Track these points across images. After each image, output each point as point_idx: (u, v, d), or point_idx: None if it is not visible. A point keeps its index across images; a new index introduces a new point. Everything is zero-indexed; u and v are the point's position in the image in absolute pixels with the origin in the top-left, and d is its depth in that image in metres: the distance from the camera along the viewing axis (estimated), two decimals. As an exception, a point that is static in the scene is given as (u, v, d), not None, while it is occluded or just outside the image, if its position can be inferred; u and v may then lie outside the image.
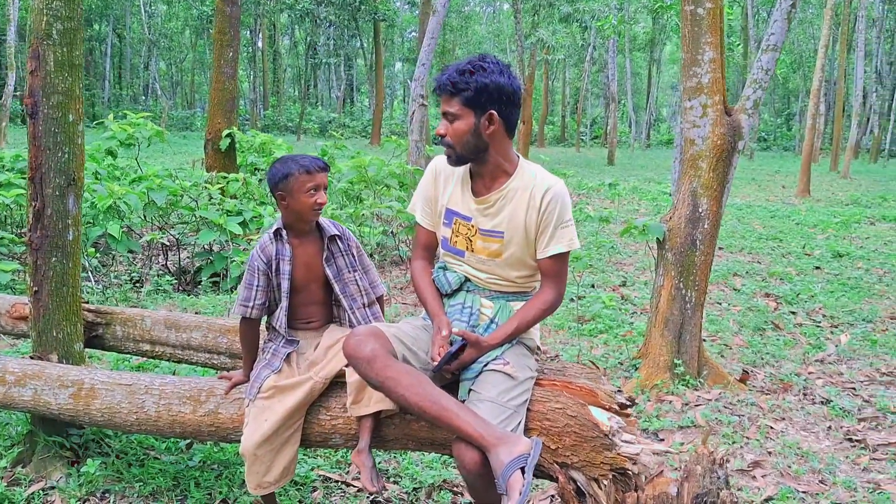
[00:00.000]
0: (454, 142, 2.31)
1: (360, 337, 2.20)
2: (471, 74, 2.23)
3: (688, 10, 4.40)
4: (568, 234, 2.37)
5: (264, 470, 2.47)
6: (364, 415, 2.44)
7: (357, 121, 41.07)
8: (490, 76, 2.23)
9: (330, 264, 2.65)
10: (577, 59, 40.31)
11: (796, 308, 6.63)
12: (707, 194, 4.41)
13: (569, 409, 2.30)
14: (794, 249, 9.89)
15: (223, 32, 8.35)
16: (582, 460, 2.26)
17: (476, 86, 2.23)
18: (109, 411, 2.77)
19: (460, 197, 2.44)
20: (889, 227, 12.73)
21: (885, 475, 3.50)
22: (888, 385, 4.75)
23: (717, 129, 4.37)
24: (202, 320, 3.19)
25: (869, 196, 17.55)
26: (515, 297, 2.48)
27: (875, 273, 8.41)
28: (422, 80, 7.34)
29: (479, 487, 2.15)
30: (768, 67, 4.48)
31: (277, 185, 2.52)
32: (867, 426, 4.10)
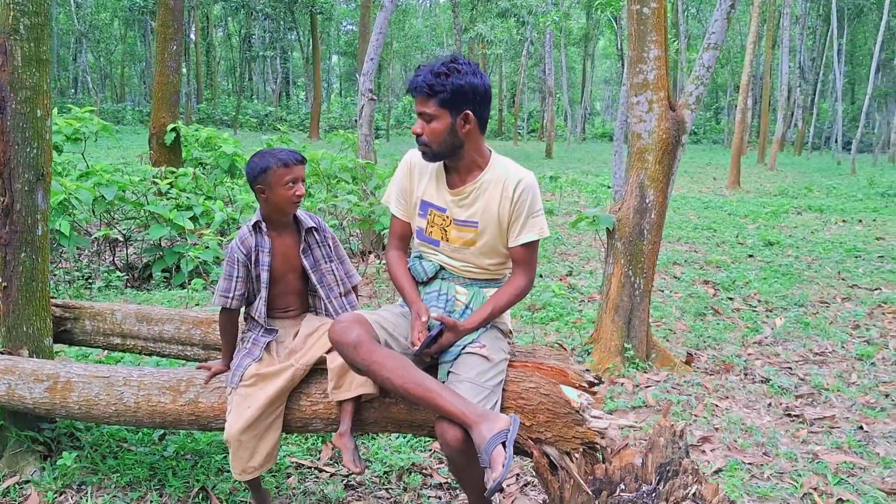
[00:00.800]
0: (431, 140, 2.42)
1: (345, 324, 2.30)
2: (446, 76, 2.34)
3: (634, 9, 4.59)
4: (539, 223, 2.52)
5: (248, 455, 2.55)
6: (345, 399, 2.55)
7: (294, 114, 40.69)
8: (465, 77, 2.35)
9: (307, 255, 2.74)
10: (513, 54, 40.72)
11: (733, 294, 6.95)
12: (654, 186, 4.62)
13: (542, 388, 2.45)
14: (727, 238, 10.30)
15: (166, 26, 8.25)
16: (555, 436, 2.41)
17: (452, 87, 2.34)
18: (87, 404, 2.81)
19: (435, 189, 2.55)
20: (814, 216, 13.33)
21: (822, 446, 3.76)
22: (821, 364, 5.06)
23: (662, 123, 4.58)
24: (174, 313, 3.23)
25: (795, 187, 18.29)
26: (488, 283, 2.62)
27: (804, 260, 8.84)
28: (370, 76, 7.41)
29: (460, 463, 2.28)
30: (709, 65, 4.71)
31: (256, 178, 2.60)
32: (804, 402, 4.37)
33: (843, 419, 4.14)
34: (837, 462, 3.56)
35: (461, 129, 2.41)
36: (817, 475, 3.42)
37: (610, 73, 66.28)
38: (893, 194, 16.99)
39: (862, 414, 4.20)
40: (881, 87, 37.22)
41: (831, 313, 6.40)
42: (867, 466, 3.55)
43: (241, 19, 37.62)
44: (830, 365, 5.04)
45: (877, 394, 4.51)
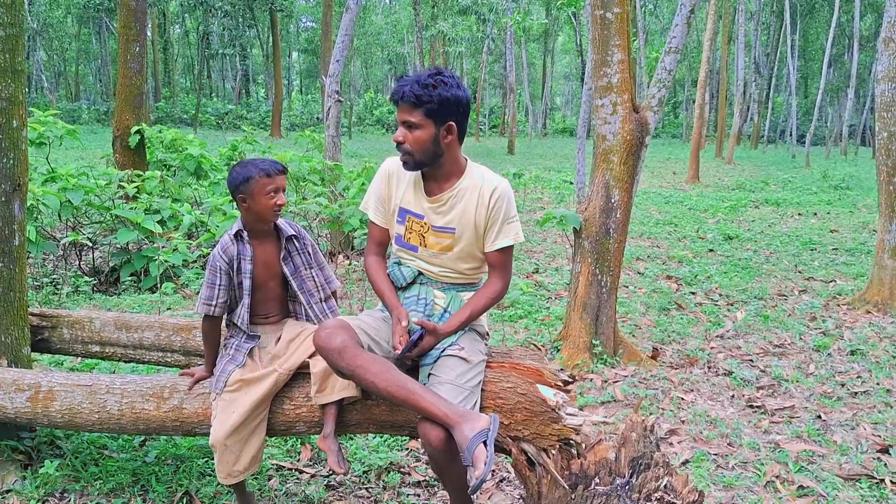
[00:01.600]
0: (413, 149, 2.49)
1: (329, 329, 2.37)
2: (433, 88, 2.41)
3: (598, 14, 4.71)
4: (514, 229, 2.62)
5: (234, 459, 2.61)
6: (328, 402, 2.62)
7: (255, 112, 40.34)
8: (450, 90, 2.43)
9: (287, 263, 2.80)
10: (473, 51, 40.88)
11: (695, 289, 7.14)
12: (619, 186, 4.75)
13: (519, 387, 2.54)
14: (688, 233, 10.53)
15: (128, 27, 8.18)
16: (532, 433, 2.51)
17: (439, 99, 2.42)
18: (70, 412, 2.84)
19: (413, 196, 2.63)
20: (771, 210, 13.67)
21: (783, 436, 3.92)
22: (780, 356, 5.25)
23: (626, 125, 4.71)
24: (154, 320, 3.26)
25: (752, 181, 18.69)
26: (465, 287, 2.71)
27: (762, 254, 9.09)
28: (336, 77, 7.44)
29: (443, 462, 2.37)
30: (671, 68, 4.85)
31: (238, 188, 2.65)
32: (765, 393, 4.54)
33: (803, 409, 4.31)
34: (798, 450, 3.72)
35: (443, 139, 2.49)
36: (779, 464, 3.57)
37: (569, 69, 66.81)
38: (845, 187, 17.47)
39: (820, 403, 4.38)
40: (833, 82, 38.10)
41: (789, 306, 6.61)
42: (825, 454, 3.72)
43: (199, 16, 37.18)
44: (789, 357, 5.22)
45: (833, 384, 4.70)
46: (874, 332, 5.81)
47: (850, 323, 6.09)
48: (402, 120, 2.48)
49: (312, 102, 45.37)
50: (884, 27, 6.49)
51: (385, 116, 43.90)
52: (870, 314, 6.35)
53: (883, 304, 6.43)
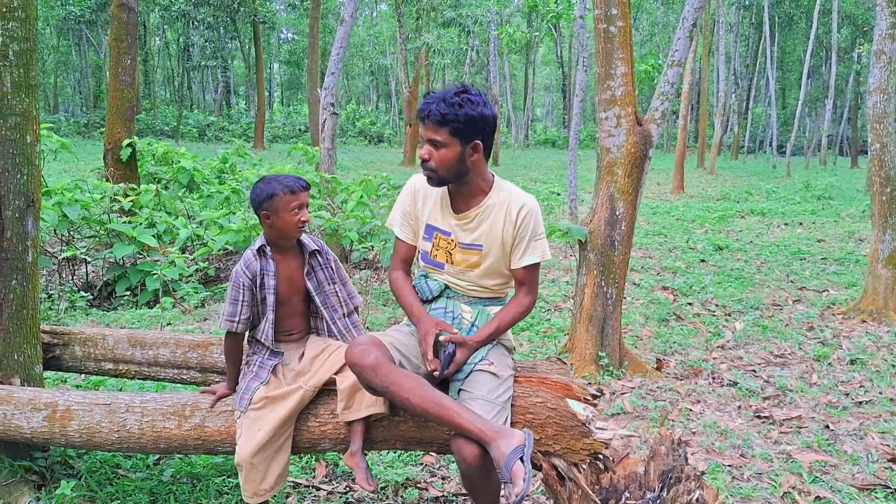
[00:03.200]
0: (438, 167, 2.48)
1: (362, 346, 2.35)
2: (460, 107, 2.40)
3: (601, 27, 4.74)
4: (541, 246, 2.62)
5: (260, 478, 2.58)
6: (355, 419, 2.60)
7: (236, 124, 40.15)
8: (477, 108, 2.42)
9: (311, 278, 2.78)
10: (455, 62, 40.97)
11: (691, 299, 7.18)
12: (623, 198, 4.77)
13: (549, 402, 2.54)
14: (678, 244, 10.59)
15: (120, 39, 8.11)
16: (563, 448, 2.51)
17: (465, 118, 2.41)
18: (88, 432, 2.79)
19: (440, 213, 2.62)
20: (757, 220, 13.80)
21: (794, 446, 3.94)
22: (782, 366, 5.28)
23: (630, 137, 4.73)
24: (169, 336, 3.22)
25: (736, 191, 18.87)
26: (491, 301, 2.71)
27: (753, 264, 9.17)
28: (332, 90, 7.43)
29: (477, 478, 2.35)
30: (673, 81, 4.89)
31: (262, 204, 2.63)
32: (771, 404, 4.56)
33: (809, 419, 4.33)
34: (810, 461, 3.74)
35: (469, 157, 2.48)
36: (793, 474, 3.58)
37: (550, 80, 67.27)
38: (828, 197, 17.67)
39: (826, 413, 4.41)
40: (811, 93, 38.61)
41: (785, 316, 6.66)
42: (837, 464, 3.74)
43: (180, 28, 37.03)
44: (791, 366, 5.26)
45: (837, 393, 4.74)
46: (871, 341, 5.87)
47: (847, 332, 6.14)
48: (428, 137, 2.47)
49: (294, 114, 45.27)
50: (875, 39, 6.59)
51: (367, 128, 43.88)
52: (865, 323, 6.41)
53: (878, 313, 6.50)
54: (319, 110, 7.52)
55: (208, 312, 5.83)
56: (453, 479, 3.52)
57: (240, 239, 6.22)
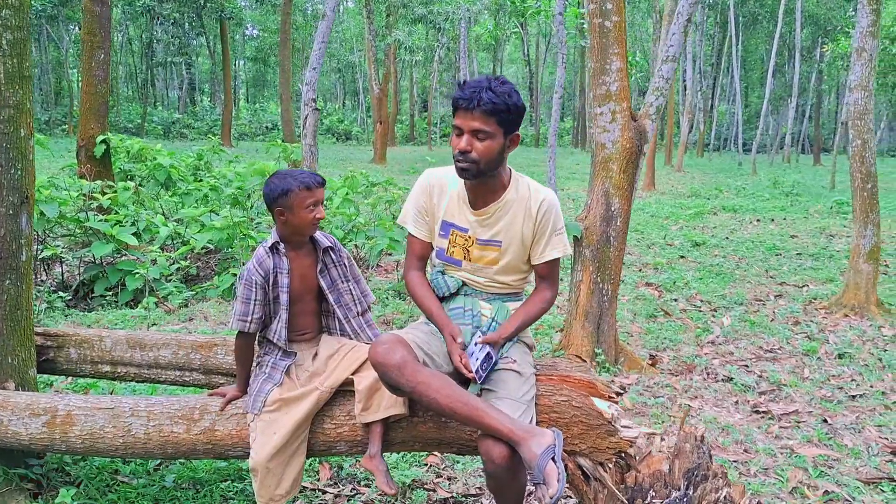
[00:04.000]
0: (481, 158, 2.36)
1: (387, 345, 2.27)
2: (509, 97, 2.31)
3: (596, 22, 4.71)
4: (562, 241, 2.56)
5: (276, 483, 2.49)
6: (373, 421, 2.52)
7: (202, 121, 39.61)
8: (520, 99, 2.34)
9: (324, 275, 2.70)
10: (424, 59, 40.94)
11: (676, 295, 7.20)
12: (618, 194, 4.75)
13: (573, 400, 2.49)
14: (656, 240, 10.64)
15: (93, 34, 7.90)
16: (589, 447, 2.46)
17: (515, 108, 2.33)
18: (91, 437, 2.68)
19: (457, 209, 2.55)
20: (729, 216, 13.94)
21: (795, 440, 3.95)
22: (773, 360, 5.31)
23: (625, 133, 4.71)
24: (170, 337, 3.11)
25: (706, 188, 19.06)
26: (510, 297, 2.65)
27: (731, 259, 9.24)
28: (313, 85, 7.31)
29: (504, 479, 2.29)
30: (668, 76, 4.88)
31: (276, 200, 2.54)
32: (768, 398, 4.58)
33: (807, 413, 4.35)
34: (813, 455, 3.75)
35: (508, 149, 2.41)
36: (799, 469, 3.58)
37: (516, 78, 67.43)
38: (796, 194, 17.93)
39: (822, 407, 4.43)
40: (776, 91, 39.20)
41: (769, 311, 6.71)
42: (840, 458, 3.75)
43: (143, 24, 36.40)
44: (782, 361, 5.29)
45: (830, 387, 4.77)
46: (856, 335, 5.93)
47: (831, 327, 6.20)
48: (471, 128, 2.34)
49: (261, 111, 44.82)
50: (856, 37, 6.66)
51: (335, 125, 43.58)
52: (848, 318, 6.48)
53: (860, 307, 6.57)
54: (293, 106, 7.40)
55: (192, 312, 5.69)
56: (459, 479, 3.46)
57: (223, 237, 6.09)
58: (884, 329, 6.10)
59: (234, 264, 6.18)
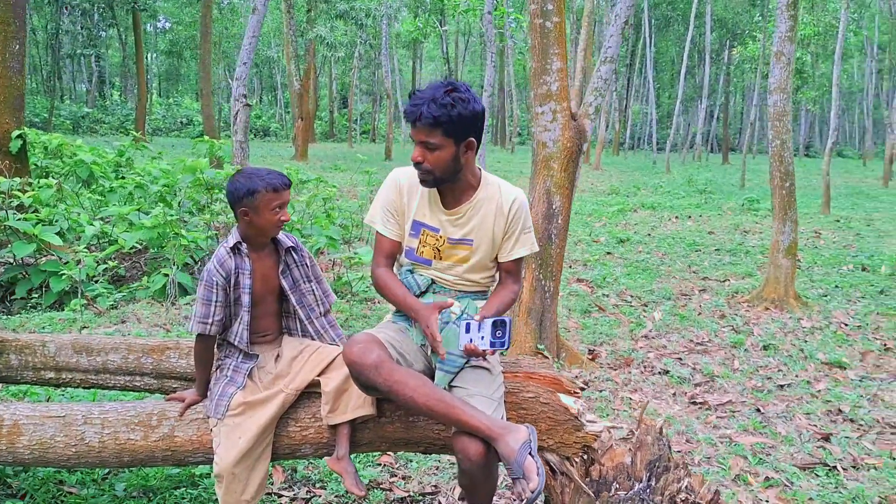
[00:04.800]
0: (434, 168, 2.40)
1: (362, 345, 2.26)
2: (452, 107, 2.32)
3: (537, 23, 4.77)
4: (530, 239, 2.60)
5: (241, 488, 2.44)
6: (341, 422, 2.50)
7: (113, 116, 38.24)
8: (468, 106, 2.35)
9: (286, 276, 2.65)
10: (344, 56, 40.59)
11: (607, 290, 7.38)
12: (560, 192, 4.83)
13: (541, 397, 2.53)
14: (582, 237, 10.86)
15: (7, 23, 7.50)
16: (556, 442, 2.50)
17: (459, 118, 2.33)
18: (41, 447, 2.56)
19: (428, 209, 2.55)
20: (649, 213, 14.35)
21: (732, 430, 4.11)
22: (704, 353, 5.50)
23: (566, 132, 4.80)
24: (120, 341, 3.00)
25: (624, 186, 19.57)
26: (477, 295, 2.67)
27: (655, 255, 9.52)
28: (243, 80, 7.16)
29: (479, 476, 2.30)
30: (607, 77, 4.99)
31: (241, 200, 2.48)
32: (703, 390, 4.74)
33: (740, 403, 4.53)
34: (751, 443, 3.91)
35: (463, 155, 2.43)
36: (739, 457, 3.73)
37: (435, 75, 67.66)
38: (710, 191, 18.59)
39: (754, 397, 4.63)
40: (687, 92, 40.52)
41: (696, 305, 6.95)
42: (775, 445, 3.92)
43: (49, 14, 34.84)
44: (712, 353, 5.49)
45: (759, 378, 4.98)
46: (778, 327, 6.20)
47: (754, 320, 6.47)
48: (420, 140, 2.38)
49: (175, 106, 43.56)
50: (776, 42, 6.96)
51: (253, 121, 42.74)
52: (769, 310, 6.77)
53: (779, 300, 6.88)
54: (213, 101, 7.23)
55: (124, 314, 5.49)
56: (414, 478, 3.47)
57: (153, 236, 5.90)
58: (802, 321, 6.40)
59: (166, 264, 6.00)
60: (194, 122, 39.81)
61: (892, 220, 14.06)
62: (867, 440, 4.02)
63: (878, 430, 4.18)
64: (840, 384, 4.88)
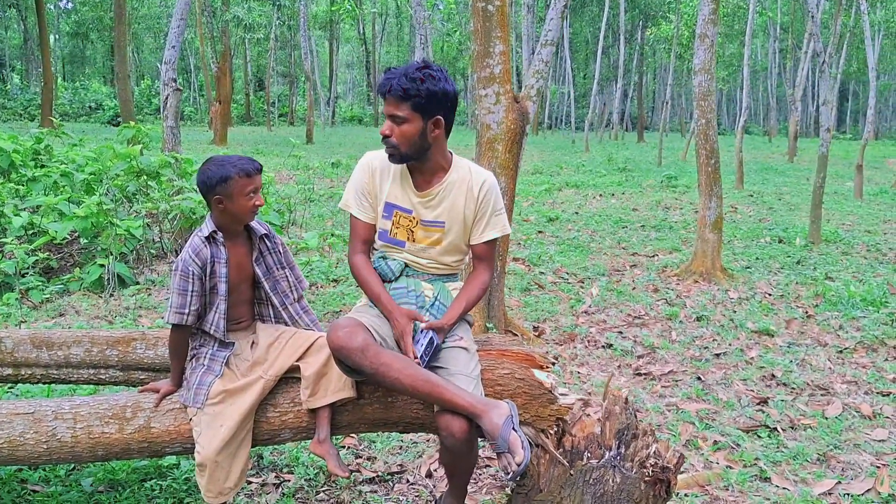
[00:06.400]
0: (399, 143, 2.46)
1: (348, 329, 2.29)
2: (421, 81, 2.38)
3: (479, 6, 4.83)
4: (501, 221, 2.67)
5: (224, 476, 2.44)
6: (321, 406, 2.53)
7: (15, 101, 36.48)
8: (438, 84, 2.41)
9: (259, 263, 2.65)
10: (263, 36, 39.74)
11: (543, 269, 7.54)
12: (505, 173, 4.92)
13: (516, 373, 2.61)
14: (514, 217, 11.01)
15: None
16: (532, 416, 2.59)
17: (427, 92, 2.39)
18: (10, 445, 2.50)
19: (400, 191, 2.59)
20: (573, 192, 14.65)
21: (677, 398, 4.31)
22: (642, 326, 5.71)
23: (509, 114, 4.88)
24: (82, 334, 2.93)
25: (547, 165, 19.89)
26: (449, 278, 2.73)
27: (585, 233, 9.76)
28: (172, 64, 6.97)
29: (462, 452, 2.37)
30: (547, 60, 5.09)
31: (214, 188, 2.46)
32: (646, 361, 4.94)
33: (682, 372, 4.75)
34: (696, 409, 4.11)
35: (431, 133, 2.47)
36: (688, 423, 3.92)
37: (352, 57, 66.99)
38: (630, 170, 19.09)
39: (693, 366, 4.85)
40: (603, 72, 41.32)
41: (629, 280, 7.19)
42: (718, 410, 4.14)
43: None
44: (650, 326, 5.71)
45: (696, 348, 5.21)
46: (708, 299, 6.49)
47: (685, 293, 6.74)
48: (388, 113, 2.44)
49: (82, 90, 41.82)
50: (699, 24, 7.21)
51: (165, 105, 41.49)
52: (697, 283, 7.06)
53: (707, 273, 7.18)
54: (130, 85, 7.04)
55: (61, 307, 5.32)
56: (379, 459, 3.52)
57: (87, 226, 5.72)
58: (730, 292, 6.71)
59: (100, 255, 5.83)
60: (104, 107, 38.33)
61: (800, 193, 14.76)
62: (800, 402, 4.27)
63: (809, 392, 4.45)
64: (770, 351, 5.16)
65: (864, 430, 3.91)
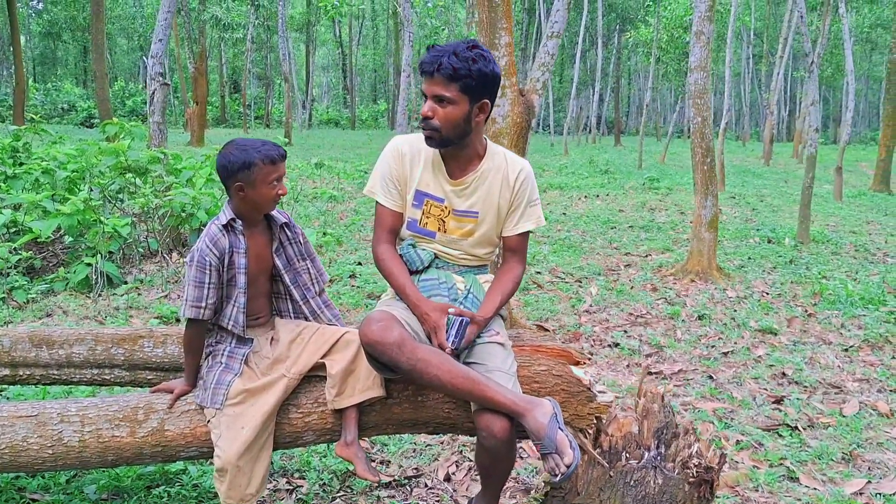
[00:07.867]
0: (442, 125, 2.30)
1: (383, 323, 2.14)
2: (474, 62, 2.23)
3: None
4: (536, 213, 2.54)
5: (246, 481, 2.28)
6: (348, 406, 2.38)
7: (-15, 101, 35.73)
8: (489, 65, 2.27)
9: (279, 254, 2.50)
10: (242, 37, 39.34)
11: (539, 268, 7.43)
12: (510, 169, 4.79)
13: (553, 369, 2.48)
14: (501, 217, 10.90)
15: None
16: (571, 415, 2.47)
17: (479, 74, 2.25)
18: (13, 451, 2.33)
19: (432, 179, 2.45)
20: (558, 193, 14.57)
21: (691, 397, 4.21)
22: (645, 325, 5.62)
23: (515, 107, 4.76)
24: (85, 332, 2.76)
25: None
26: (479, 270, 2.60)
27: (576, 233, 9.67)
28: (159, 58, 6.77)
29: (502, 453, 2.23)
30: (553, 52, 4.98)
31: (236, 174, 2.30)
32: (654, 360, 4.84)
33: (692, 371, 4.65)
34: (713, 408, 4.01)
35: (475, 117, 2.34)
36: (707, 423, 3.82)
37: (328, 60, 66.56)
38: (611, 172, 19.07)
39: (703, 365, 4.75)
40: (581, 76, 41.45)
41: (626, 279, 7.10)
42: (734, 409, 4.04)
43: None
44: (653, 325, 5.61)
45: (703, 346, 5.12)
46: (707, 298, 6.41)
47: (684, 292, 6.66)
48: (433, 93, 2.29)
49: (55, 91, 41.08)
50: (695, 21, 7.15)
51: (140, 107, 40.89)
52: (694, 282, 6.99)
53: (703, 272, 7.11)
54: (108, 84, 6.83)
55: (48, 307, 5.10)
56: (394, 462, 3.37)
57: (73, 223, 5.50)
58: (728, 291, 6.64)
59: (87, 253, 5.62)
60: (77, 109, 37.69)
61: (780, 195, 14.83)
62: (815, 400, 4.19)
63: (823, 390, 4.37)
64: (777, 349, 5.09)
65: (884, 428, 3.84)
